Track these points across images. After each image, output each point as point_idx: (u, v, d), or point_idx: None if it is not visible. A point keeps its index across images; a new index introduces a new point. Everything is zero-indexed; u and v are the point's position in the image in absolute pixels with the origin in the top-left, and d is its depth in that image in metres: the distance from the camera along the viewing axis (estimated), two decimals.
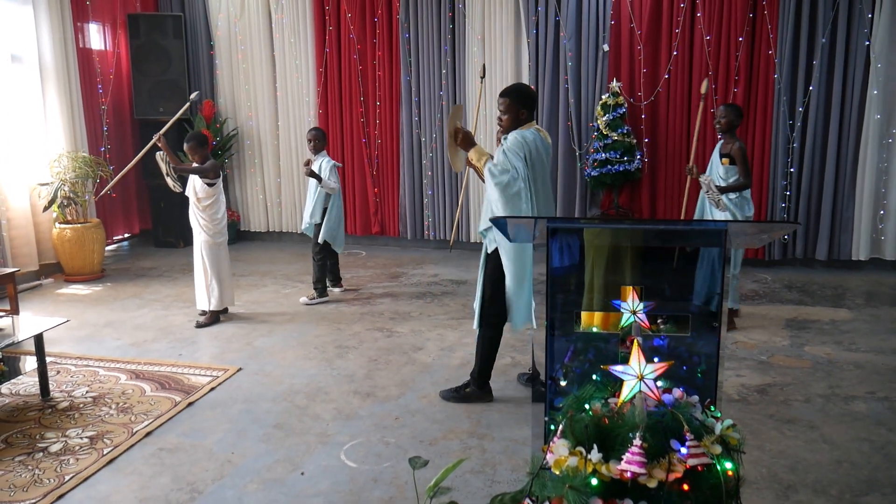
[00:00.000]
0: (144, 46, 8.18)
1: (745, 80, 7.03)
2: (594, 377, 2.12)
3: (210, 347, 5.18)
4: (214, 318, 5.71)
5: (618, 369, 1.73)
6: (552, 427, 2.02)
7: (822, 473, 3.37)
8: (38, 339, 4.17)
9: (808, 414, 4.00)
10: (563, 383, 2.32)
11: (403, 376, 4.62)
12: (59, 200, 6.93)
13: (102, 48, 8.17)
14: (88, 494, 3.24)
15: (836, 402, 4.16)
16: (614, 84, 7.19)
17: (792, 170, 7.01)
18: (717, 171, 5.43)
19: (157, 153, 5.62)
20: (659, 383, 1.84)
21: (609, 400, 1.84)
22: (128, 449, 3.64)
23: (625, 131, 7.15)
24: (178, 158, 6.00)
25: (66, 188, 6.95)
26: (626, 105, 7.20)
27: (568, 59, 7.44)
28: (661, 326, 2.09)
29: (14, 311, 5.47)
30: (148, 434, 3.80)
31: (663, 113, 7.34)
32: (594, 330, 2.29)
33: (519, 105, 4.00)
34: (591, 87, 7.47)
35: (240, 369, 4.72)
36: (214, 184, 5.56)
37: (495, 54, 7.70)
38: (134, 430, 3.81)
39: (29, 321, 4.49)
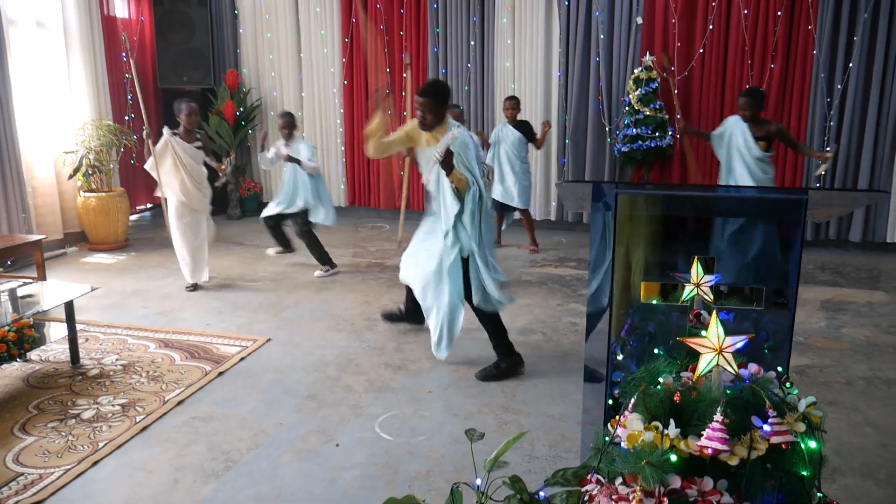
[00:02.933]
0: (168, 14, 8.08)
1: (782, 57, 6.84)
2: (655, 351, 2.03)
3: (237, 318, 5.14)
4: None
5: (695, 342, 1.64)
6: (619, 401, 1.94)
7: (869, 457, 3.29)
8: (69, 307, 4.14)
9: (850, 396, 3.90)
10: (619, 357, 2.24)
11: (430, 351, 4.55)
12: (83, 169, 6.89)
13: (126, 16, 8.07)
14: (123, 461, 3.21)
15: (879, 385, 4.06)
16: (647, 58, 7.03)
17: (828, 149, 6.84)
18: (749, 151, 5.38)
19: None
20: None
21: (681, 374, 1.75)
22: (160, 417, 3.60)
23: (657, 106, 7.00)
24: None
25: (91, 157, 6.90)
26: (658, 80, 7.04)
27: (600, 32, 7.27)
28: (726, 300, 1.99)
29: (41, 277, 5.45)
30: (180, 403, 3.76)
31: (696, 89, 7.17)
32: (654, 302, 2.20)
33: (441, 103, 4.02)
34: (622, 61, 7.31)
35: (269, 340, 4.67)
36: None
37: (525, 26, 7.55)
38: (166, 399, 3.78)
39: (57, 288, 4.46)
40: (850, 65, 6.65)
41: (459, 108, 6.54)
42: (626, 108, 7.14)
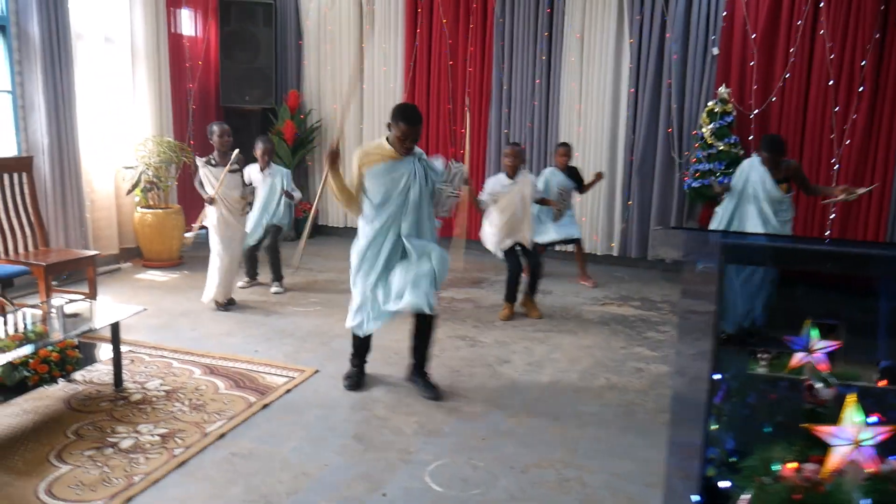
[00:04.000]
0: (234, 33, 8.09)
1: (869, 94, 6.43)
2: (765, 430, 1.73)
3: (285, 345, 4.96)
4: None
5: (825, 431, 1.35)
6: (712, 482, 1.64)
7: None
8: (115, 328, 4.01)
9: None
10: (713, 426, 1.93)
11: (489, 392, 4.28)
12: (142, 184, 6.87)
13: (193, 34, 8.11)
14: (157, 498, 3.02)
15: None
16: (723, 90, 6.69)
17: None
18: (768, 194, 5.04)
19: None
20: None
21: (803, 465, 1.46)
22: (200, 451, 3.41)
23: (732, 141, 6.64)
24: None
25: (150, 173, 6.88)
26: (734, 113, 6.69)
27: (673, 62, 6.97)
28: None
29: (92, 295, 5.38)
30: (221, 436, 3.56)
31: (775, 123, 6.79)
32: (757, 369, 1.90)
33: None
34: (695, 92, 6.99)
35: (316, 371, 4.47)
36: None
37: (594, 55, 7.30)
38: (207, 431, 3.59)
39: (106, 307, 4.35)
40: None
41: (519, 146, 6.34)
42: (699, 143, 6.80)
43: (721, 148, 6.64)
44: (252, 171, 6.28)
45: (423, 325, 4.21)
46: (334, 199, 4.15)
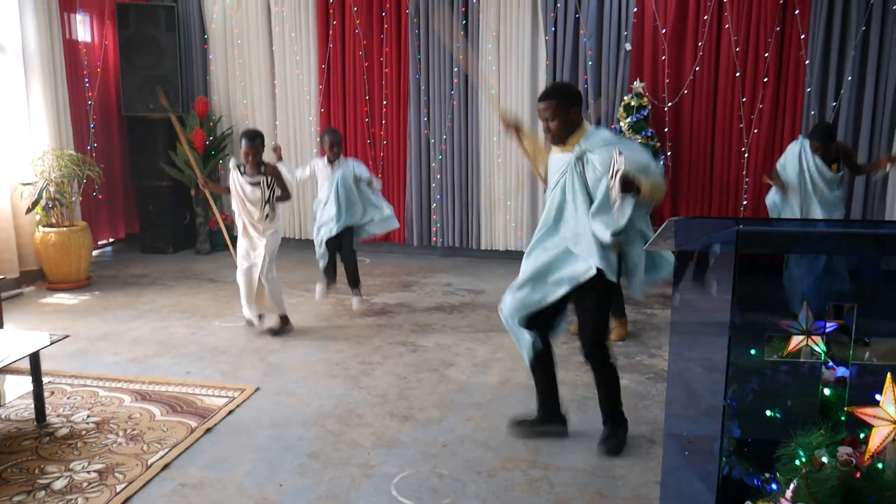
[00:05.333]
0: (134, 38, 7.65)
1: (773, 84, 6.74)
2: (768, 413, 1.72)
3: (219, 364, 4.70)
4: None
5: (868, 412, 1.34)
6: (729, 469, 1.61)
7: None
8: (34, 359, 3.67)
9: None
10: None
11: (440, 396, 4.19)
12: (43, 202, 6.38)
13: (89, 39, 7.62)
14: None
15: None
16: (637, 84, 6.85)
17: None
18: (823, 176, 5.32)
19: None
20: None
21: (840, 449, 1.44)
22: (144, 485, 3.16)
23: (648, 134, 6.81)
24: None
25: (52, 188, 6.40)
26: (649, 107, 6.87)
27: (588, 59, 7.09)
28: (870, 351, 1.69)
29: None
30: (165, 467, 3.32)
31: (687, 115, 7.02)
32: (752, 352, 1.89)
33: (569, 105, 3.39)
34: (611, 88, 7.13)
35: (258, 389, 4.24)
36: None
37: (510, 52, 7.33)
38: (149, 463, 3.33)
39: (18, 337, 3.99)
40: (842, 91, 6.57)
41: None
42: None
43: (639, 141, 6.78)
44: (317, 164, 5.83)
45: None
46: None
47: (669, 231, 1.83)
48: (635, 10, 6.91)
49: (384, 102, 7.77)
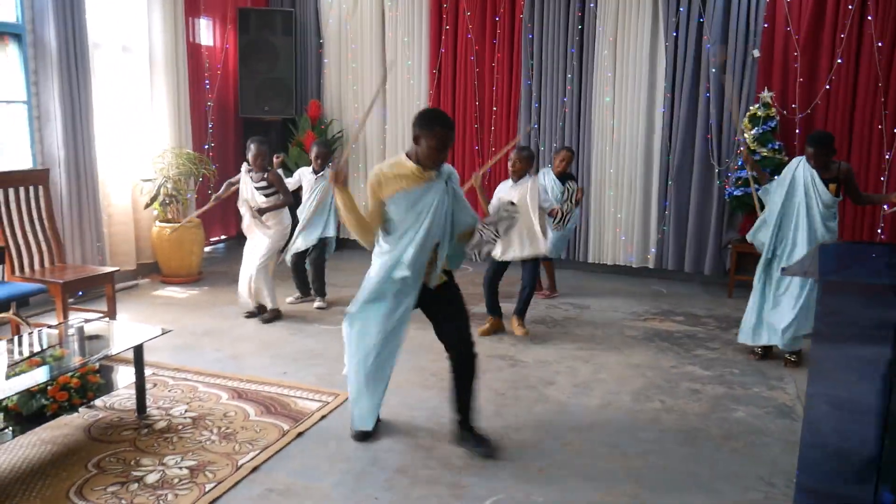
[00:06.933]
0: (253, 42, 7.86)
1: None
2: None
3: (315, 366, 4.67)
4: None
5: None
6: None
7: None
8: (138, 351, 3.74)
9: None
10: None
11: (537, 417, 3.98)
12: (160, 198, 6.62)
13: (211, 43, 7.89)
14: None
15: None
16: (765, 94, 6.39)
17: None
18: (818, 195, 4.64)
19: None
20: None
21: None
22: (233, 486, 3.12)
23: (775, 147, 6.33)
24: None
25: (169, 185, 6.63)
26: (777, 118, 6.39)
27: (711, 66, 6.68)
28: None
29: (111, 313, 5.11)
30: (254, 469, 3.27)
31: (820, 128, 6.47)
32: None
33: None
34: (737, 97, 6.68)
35: None
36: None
37: (628, 58, 7.02)
38: (239, 464, 3.30)
39: (128, 329, 4.10)
40: None
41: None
42: (741, 149, 6.48)
43: (764, 154, 6.33)
44: (304, 174, 6.03)
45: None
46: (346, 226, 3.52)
47: (813, 257, 1.57)
48: (765, 13, 6.46)
49: (494, 108, 7.62)
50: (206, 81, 7.79)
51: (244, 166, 5.57)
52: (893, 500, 1.45)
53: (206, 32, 7.82)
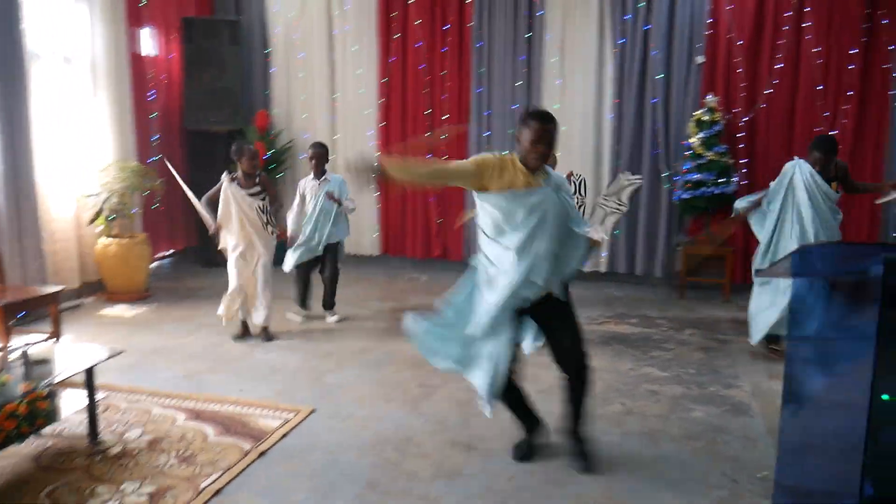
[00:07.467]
0: (198, 52, 7.69)
1: (857, 97, 6.35)
2: None
3: (274, 382, 4.56)
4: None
5: None
6: None
7: None
8: (90, 374, 3.59)
9: None
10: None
11: (503, 424, 3.94)
12: (105, 213, 6.41)
13: (156, 53, 7.70)
14: None
15: None
16: (710, 99, 6.54)
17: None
18: (820, 191, 4.75)
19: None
20: None
21: None
22: None
23: (721, 150, 6.49)
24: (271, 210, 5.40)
25: (114, 200, 6.43)
26: (722, 122, 6.55)
27: (657, 72, 6.81)
28: None
29: (56, 335, 4.91)
30: (217, 492, 3.17)
31: (763, 131, 6.67)
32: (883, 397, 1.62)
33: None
34: (681, 102, 6.83)
35: (313, 410, 4.08)
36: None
37: (576, 66, 7.11)
38: (201, 487, 3.19)
39: (76, 351, 3.92)
40: None
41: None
42: (688, 153, 6.63)
43: (711, 157, 6.48)
44: (306, 182, 5.85)
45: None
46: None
47: (788, 260, 1.59)
48: (709, 20, 6.62)
49: (445, 117, 7.62)
50: (151, 92, 7.58)
51: (225, 177, 5.26)
52: (873, 494, 1.47)
53: (150, 42, 7.62)
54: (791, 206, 4.79)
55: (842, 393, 1.49)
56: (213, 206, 5.33)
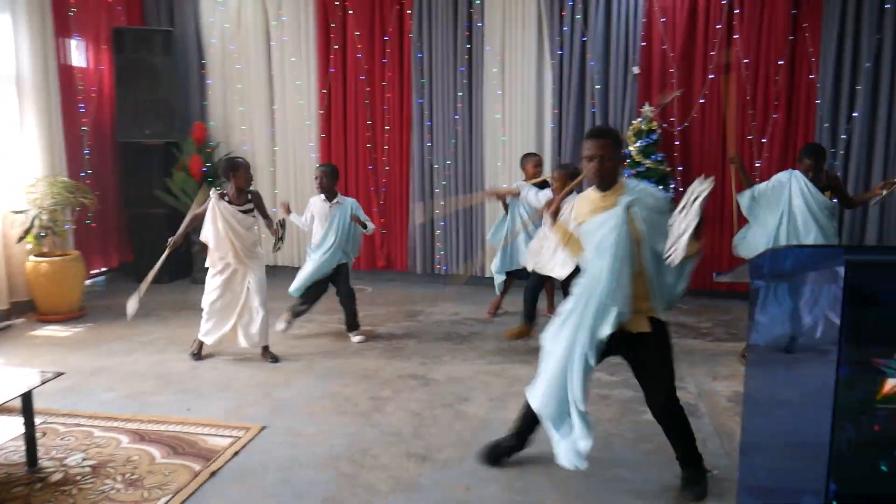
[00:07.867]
0: (130, 63, 7.47)
1: (784, 106, 6.63)
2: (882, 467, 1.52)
3: (221, 400, 4.45)
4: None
5: None
6: None
7: None
8: (27, 399, 3.42)
9: None
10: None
11: (458, 434, 3.96)
12: (35, 230, 6.15)
13: (85, 65, 7.44)
14: None
15: None
16: (646, 108, 6.71)
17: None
18: (815, 198, 4.96)
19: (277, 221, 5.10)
20: None
21: None
22: None
23: (658, 158, 6.66)
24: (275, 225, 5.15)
25: (44, 216, 6.17)
26: (659, 131, 6.73)
27: (595, 82, 6.96)
28: None
29: None
30: None
31: (697, 139, 6.89)
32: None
33: (618, 147, 3.23)
34: (619, 111, 6.99)
35: (263, 427, 4.00)
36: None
37: (516, 76, 7.20)
38: None
39: (9, 375, 3.74)
40: (854, 114, 6.46)
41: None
42: (627, 161, 6.78)
43: (649, 165, 6.64)
44: (315, 203, 5.67)
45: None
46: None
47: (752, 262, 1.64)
48: (643, 32, 6.81)
49: (387, 128, 7.61)
50: (81, 105, 7.33)
51: (213, 194, 5.02)
52: (837, 490, 1.52)
53: (79, 53, 7.36)
54: (788, 216, 4.95)
55: (804, 391, 1.54)
56: (193, 224, 5.13)
